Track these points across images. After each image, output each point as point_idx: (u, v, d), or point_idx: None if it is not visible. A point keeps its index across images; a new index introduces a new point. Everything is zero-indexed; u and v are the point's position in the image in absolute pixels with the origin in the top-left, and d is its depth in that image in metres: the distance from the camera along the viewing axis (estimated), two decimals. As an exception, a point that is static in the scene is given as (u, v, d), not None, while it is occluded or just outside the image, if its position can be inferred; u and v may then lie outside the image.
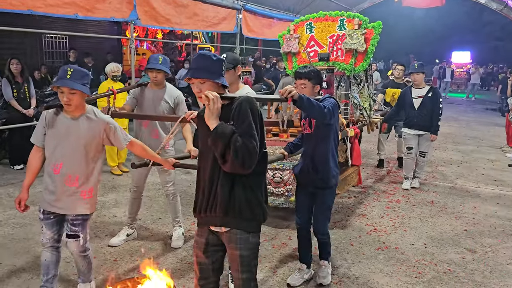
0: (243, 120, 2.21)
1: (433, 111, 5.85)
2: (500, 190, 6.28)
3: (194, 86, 2.34)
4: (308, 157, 3.39)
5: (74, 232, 2.90)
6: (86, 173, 2.89)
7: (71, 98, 2.73)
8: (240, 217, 2.29)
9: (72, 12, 5.01)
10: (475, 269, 3.89)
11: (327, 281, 3.51)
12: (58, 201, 2.86)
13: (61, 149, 2.83)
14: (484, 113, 15.46)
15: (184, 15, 7.04)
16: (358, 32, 5.12)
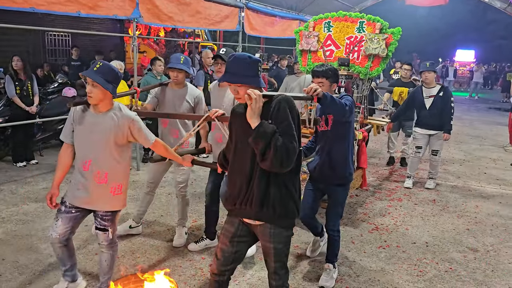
0: (282, 120, 2.28)
1: (445, 110, 5.76)
2: (502, 189, 6.27)
3: (231, 88, 2.41)
4: (324, 153, 3.43)
5: (103, 226, 2.96)
6: (115, 169, 2.91)
7: (92, 90, 2.76)
8: (275, 213, 2.39)
9: (74, 10, 5.00)
10: (476, 268, 3.89)
11: (330, 285, 3.48)
12: (88, 198, 2.89)
13: (89, 146, 2.86)
14: (487, 112, 15.41)
15: (187, 13, 7.02)
16: (379, 37, 5.10)
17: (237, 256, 2.56)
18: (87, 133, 2.86)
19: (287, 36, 10.92)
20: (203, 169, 6.07)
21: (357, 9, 13.08)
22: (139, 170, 6.45)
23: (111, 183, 2.90)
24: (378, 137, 7.87)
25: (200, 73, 7.19)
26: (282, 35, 10.67)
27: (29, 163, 6.51)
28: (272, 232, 2.43)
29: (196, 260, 3.83)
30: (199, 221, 4.70)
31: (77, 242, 3.97)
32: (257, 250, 4.02)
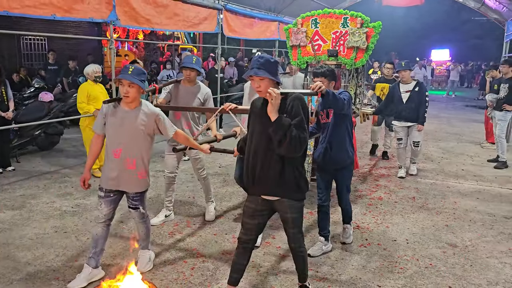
0: (296, 115, 2.80)
1: (420, 104, 6.33)
2: (479, 185, 6.40)
3: (254, 82, 2.89)
4: (326, 142, 3.95)
5: (135, 206, 3.46)
6: (141, 157, 3.35)
7: (129, 91, 3.20)
8: (289, 189, 2.92)
9: (49, 13, 4.91)
10: (455, 263, 3.96)
11: (350, 240, 4.26)
12: (120, 181, 3.33)
13: (119, 137, 3.28)
14: (464, 110, 15.73)
15: (165, 15, 6.97)
16: (360, 31, 5.58)
17: (258, 227, 3.10)
18: (118, 126, 3.28)
19: (266, 37, 10.96)
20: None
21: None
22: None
23: (138, 169, 3.34)
24: (360, 130, 7.96)
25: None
26: (261, 37, 10.70)
27: (5, 170, 6.36)
28: (289, 204, 2.96)
29: (178, 264, 3.80)
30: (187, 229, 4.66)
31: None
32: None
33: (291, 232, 3.07)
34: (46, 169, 6.60)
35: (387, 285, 3.56)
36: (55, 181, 6.02)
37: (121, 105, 3.31)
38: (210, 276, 3.62)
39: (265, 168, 2.89)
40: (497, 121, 7.58)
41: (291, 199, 2.95)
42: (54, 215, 4.82)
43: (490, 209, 5.40)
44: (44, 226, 4.52)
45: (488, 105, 8.24)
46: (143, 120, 3.29)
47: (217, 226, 4.67)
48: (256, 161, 2.92)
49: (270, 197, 2.97)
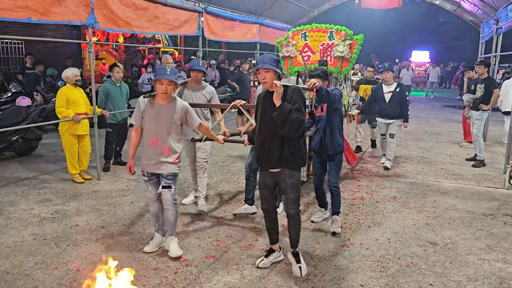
0: (295, 102, 3.47)
1: (402, 103, 7.02)
2: (458, 183, 6.52)
3: (260, 74, 3.53)
4: (321, 132, 4.62)
5: (168, 184, 3.92)
6: (174, 144, 3.92)
7: (168, 88, 3.77)
8: (289, 162, 3.61)
9: (25, 16, 4.80)
10: (436, 261, 4.02)
11: (339, 230, 4.61)
12: (157, 165, 3.88)
13: (156, 128, 3.85)
14: (442, 110, 16.02)
15: (145, 18, 6.90)
16: (344, 43, 6.29)
17: (272, 197, 3.82)
18: (155, 119, 3.84)
19: (248, 40, 10.96)
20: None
21: (315, 12, 13.31)
22: (100, 180, 6.27)
23: (172, 154, 3.90)
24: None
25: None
26: (243, 39, 10.69)
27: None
28: (288, 173, 3.63)
29: (160, 269, 3.76)
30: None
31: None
32: (214, 262, 4.00)
33: (290, 197, 3.68)
34: (24, 175, 6.46)
35: (370, 284, 3.59)
36: (33, 187, 5.90)
37: (156, 100, 3.88)
38: (194, 280, 3.59)
39: (270, 147, 3.60)
40: (474, 121, 7.73)
41: (289, 168, 3.63)
42: (33, 222, 4.73)
43: (469, 207, 5.50)
44: (22, 234, 4.42)
45: (465, 105, 8.41)
46: (176, 113, 3.88)
47: (200, 230, 4.64)
48: (263, 142, 3.64)
49: (275, 169, 3.66)
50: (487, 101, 7.53)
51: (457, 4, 11.61)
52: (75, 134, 6.06)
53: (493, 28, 9.22)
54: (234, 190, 6.00)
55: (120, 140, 7.06)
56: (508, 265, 3.97)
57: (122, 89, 6.84)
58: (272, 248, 3.94)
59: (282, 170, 3.64)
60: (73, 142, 6.08)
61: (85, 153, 6.26)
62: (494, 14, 9.07)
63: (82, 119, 6.02)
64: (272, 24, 12.10)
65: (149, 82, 12.37)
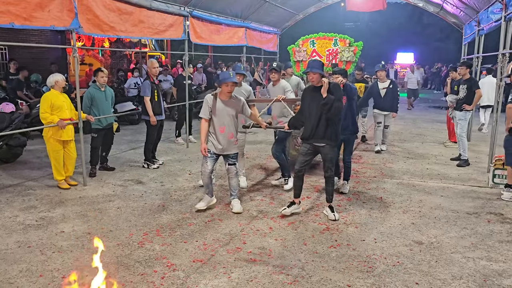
0: (336, 94, 4.82)
1: (394, 97, 8.58)
2: (443, 183, 6.60)
3: (309, 75, 4.92)
4: (342, 118, 5.43)
5: (233, 162, 5.25)
6: (236, 131, 5.22)
7: (232, 88, 5.02)
8: (331, 139, 4.97)
9: (7, 21, 4.74)
10: (422, 260, 4.06)
11: (346, 191, 6.03)
12: (224, 147, 5.14)
13: (222, 119, 5.07)
14: (427, 111, 16.21)
15: (129, 22, 6.86)
16: (349, 49, 8.08)
17: (307, 162, 5.18)
18: (222, 111, 5.06)
19: (234, 43, 10.96)
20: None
21: (301, 15, 13.39)
22: (86, 186, 6.22)
23: (234, 138, 5.22)
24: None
25: (146, 83, 7.06)
26: (229, 43, 10.70)
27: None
28: (329, 147, 4.99)
29: (147, 274, 3.74)
30: (150, 233, 4.58)
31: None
32: (202, 265, 3.99)
33: (328, 165, 5.04)
34: (8, 182, 6.38)
35: (357, 284, 3.62)
36: (18, 194, 5.82)
37: (220, 97, 5.08)
38: (181, 285, 3.58)
39: (316, 127, 4.91)
40: (458, 121, 7.84)
41: (330, 145, 4.98)
42: (17, 230, 4.66)
43: (453, 206, 5.58)
44: (6, 242, 4.36)
45: (449, 105, 8.53)
46: (235, 106, 5.12)
47: (188, 233, 4.63)
48: (311, 122, 4.95)
49: (319, 144, 4.98)
50: (470, 101, 7.64)
51: (440, 6, 11.77)
52: (60, 140, 6.00)
53: (475, 30, 9.37)
54: (220, 193, 5.99)
55: (106, 145, 7.01)
56: (492, 262, 4.03)
57: (107, 94, 6.79)
58: (294, 201, 5.20)
59: (325, 146, 4.95)
60: (58, 148, 6.02)
61: (70, 159, 6.20)
62: (475, 16, 9.22)
63: (67, 124, 5.96)
64: (258, 28, 12.13)
65: (136, 87, 12.29)
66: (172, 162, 7.69)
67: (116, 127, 7.02)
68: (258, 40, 12.34)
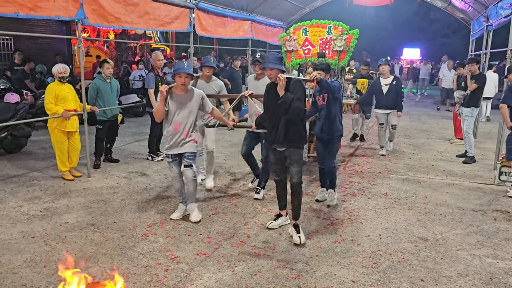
0: (297, 92, 4.11)
1: (397, 94, 7.73)
2: (449, 180, 6.55)
3: (266, 71, 4.20)
4: (322, 119, 5.23)
5: (189, 163, 4.63)
6: (192, 128, 4.61)
7: (186, 80, 4.46)
8: (292, 141, 4.26)
9: (12, 11, 4.71)
10: (427, 257, 4.03)
11: (334, 202, 5.35)
12: (179, 146, 4.58)
13: (177, 115, 4.52)
14: (433, 107, 16.10)
15: (135, 14, 6.82)
16: (341, 37, 6.97)
17: (282, 169, 4.41)
18: (176, 107, 4.52)
19: (239, 36, 10.90)
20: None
21: (307, 9, 13.29)
22: (90, 177, 6.21)
23: (191, 136, 4.61)
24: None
25: (150, 75, 7.03)
26: (234, 36, 10.64)
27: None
28: (291, 149, 4.27)
29: (151, 266, 3.73)
30: (154, 226, 4.58)
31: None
32: (205, 259, 3.98)
33: (293, 169, 4.26)
34: (13, 173, 6.38)
35: (361, 280, 3.59)
36: (22, 185, 5.82)
37: (175, 91, 4.52)
38: (184, 277, 3.57)
39: (278, 129, 4.24)
40: (465, 117, 7.78)
41: (294, 147, 4.28)
42: (21, 220, 4.66)
43: (459, 202, 5.53)
44: (10, 232, 4.36)
45: (456, 101, 8.45)
46: (195, 100, 4.57)
47: (191, 227, 4.62)
48: (273, 125, 4.30)
49: (281, 148, 4.31)
50: (478, 97, 7.59)
51: (448, 1, 11.65)
52: (65, 131, 5.99)
53: (483, 26, 9.26)
54: (224, 186, 5.97)
55: (110, 137, 6.99)
56: (498, 260, 4.00)
57: (113, 86, 6.77)
58: (281, 213, 4.66)
59: (287, 148, 4.28)
60: (62, 139, 6.01)
61: (75, 150, 6.19)
62: (484, 12, 9.12)
63: (72, 115, 5.95)
64: (264, 21, 12.05)
65: (140, 79, 12.27)
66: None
67: (121, 119, 6.98)
68: (264, 33, 12.26)
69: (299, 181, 4.30)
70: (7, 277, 3.50)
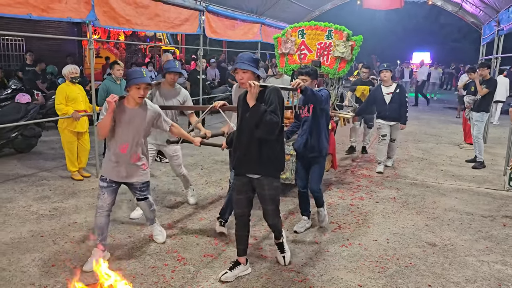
0: (271, 103, 3.23)
1: (401, 104, 6.80)
2: (458, 185, 6.50)
3: (237, 74, 3.32)
4: (306, 134, 4.35)
5: (144, 195, 3.85)
6: (144, 152, 3.76)
7: (145, 92, 3.58)
8: (266, 168, 3.37)
9: (25, 12, 4.78)
10: (435, 262, 4.00)
11: (326, 222, 4.64)
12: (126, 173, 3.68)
13: (125, 134, 3.60)
14: (443, 112, 15.99)
15: (145, 16, 6.88)
16: (345, 43, 6.08)
17: (246, 202, 3.52)
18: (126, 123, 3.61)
19: (249, 39, 10.93)
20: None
21: (317, 12, 13.28)
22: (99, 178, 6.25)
23: (142, 161, 3.75)
24: (344, 134, 8.01)
25: (160, 77, 7.08)
26: (244, 38, 10.67)
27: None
28: (266, 182, 3.39)
29: (158, 267, 3.74)
30: (161, 227, 4.60)
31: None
32: (211, 262, 3.99)
33: (268, 209, 3.50)
34: (23, 172, 6.45)
35: (368, 284, 3.57)
36: (32, 184, 5.88)
37: (126, 104, 3.61)
38: (191, 279, 3.58)
39: (247, 150, 3.36)
40: (475, 122, 7.71)
41: (268, 176, 3.40)
42: (30, 219, 4.71)
43: (468, 208, 5.48)
44: (20, 231, 4.40)
45: (466, 106, 8.38)
46: (148, 117, 3.67)
47: (199, 228, 4.63)
48: (241, 145, 3.40)
49: (252, 175, 3.42)
50: (489, 102, 7.53)
51: (459, 5, 11.58)
52: (74, 132, 6.05)
53: (495, 30, 9.20)
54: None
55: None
56: (507, 267, 3.95)
57: (122, 87, 6.80)
58: (238, 261, 3.62)
59: (260, 178, 3.39)
60: (72, 140, 6.07)
61: (84, 150, 6.24)
62: (495, 16, 9.05)
63: (82, 116, 6.00)
64: (273, 24, 12.07)
65: (152, 81, 12.33)
66: (184, 157, 7.67)
67: None
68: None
69: (277, 223, 3.63)
70: (16, 275, 3.54)
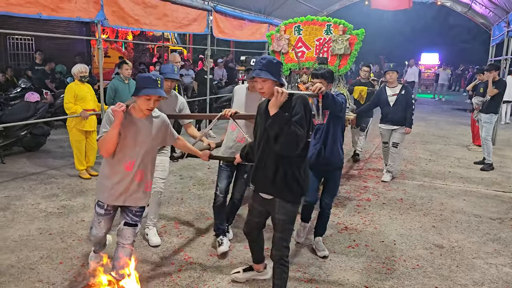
0: (297, 113, 2.76)
1: (407, 107, 6.30)
2: (466, 187, 6.46)
3: (257, 83, 2.88)
4: (320, 143, 3.93)
5: (136, 222, 3.15)
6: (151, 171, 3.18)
7: (156, 104, 2.97)
8: (281, 189, 2.90)
9: (35, 12, 4.83)
10: (442, 264, 3.98)
11: (324, 253, 4.01)
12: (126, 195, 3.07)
13: (132, 149, 3.02)
14: (451, 113, 15.89)
15: (154, 16, 6.93)
16: (343, 38, 5.70)
17: (257, 224, 3.25)
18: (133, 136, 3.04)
19: (256, 39, 10.95)
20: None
21: (324, 12, 13.26)
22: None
23: (146, 181, 3.15)
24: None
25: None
26: (251, 38, 10.69)
27: None
28: (279, 204, 2.94)
29: (165, 266, 3.76)
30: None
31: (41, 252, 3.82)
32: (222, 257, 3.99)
33: (276, 236, 3.00)
34: (32, 170, 6.51)
35: (375, 286, 3.56)
36: (41, 182, 5.94)
37: (133, 112, 3.02)
38: (197, 278, 3.59)
39: (263, 166, 2.94)
40: (483, 124, 7.65)
41: (282, 199, 2.93)
42: (39, 217, 4.75)
43: (476, 210, 5.45)
44: (28, 228, 4.44)
45: (475, 107, 8.32)
46: (157, 129, 3.10)
47: (206, 228, 4.64)
48: (259, 159, 2.99)
49: (266, 195, 3.02)
50: (498, 103, 7.48)
51: (468, 6, 11.50)
52: (83, 130, 6.09)
53: (504, 31, 9.13)
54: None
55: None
56: (515, 270, 3.92)
57: (131, 87, 6.83)
58: (252, 267, 3.48)
59: (273, 199, 2.96)
60: (80, 138, 6.11)
61: (92, 149, 6.28)
62: (505, 17, 8.98)
63: (90, 115, 6.05)
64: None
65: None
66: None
67: None
68: (281, 36, 12.28)
69: (282, 254, 2.98)
70: (24, 272, 3.57)
